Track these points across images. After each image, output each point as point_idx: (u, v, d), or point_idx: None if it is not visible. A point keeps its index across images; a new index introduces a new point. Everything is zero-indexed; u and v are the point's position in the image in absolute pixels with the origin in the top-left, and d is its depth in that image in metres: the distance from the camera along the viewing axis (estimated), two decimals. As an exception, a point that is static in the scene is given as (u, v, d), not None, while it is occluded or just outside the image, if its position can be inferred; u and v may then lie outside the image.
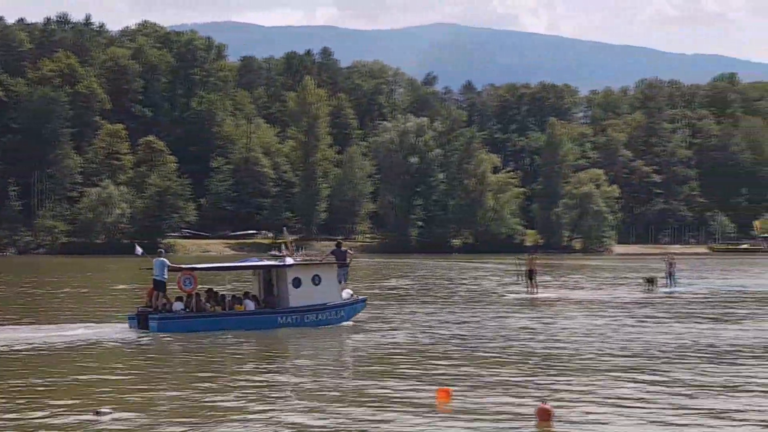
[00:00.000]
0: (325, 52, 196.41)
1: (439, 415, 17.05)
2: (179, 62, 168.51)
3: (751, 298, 48.22)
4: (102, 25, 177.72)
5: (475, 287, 56.15)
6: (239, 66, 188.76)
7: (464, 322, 33.66)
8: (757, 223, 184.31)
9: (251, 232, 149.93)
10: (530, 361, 23.89)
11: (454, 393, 18.42)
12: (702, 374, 21.63)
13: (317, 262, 35.33)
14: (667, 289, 51.97)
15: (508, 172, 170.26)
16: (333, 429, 16.06)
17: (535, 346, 26.88)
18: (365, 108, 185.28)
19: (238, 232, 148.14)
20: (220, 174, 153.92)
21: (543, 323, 33.55)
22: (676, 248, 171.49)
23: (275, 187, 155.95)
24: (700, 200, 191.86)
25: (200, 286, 32.63)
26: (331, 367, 23.45)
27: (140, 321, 31.19)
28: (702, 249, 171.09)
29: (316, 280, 32.53)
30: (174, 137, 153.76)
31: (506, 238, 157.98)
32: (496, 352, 25.78)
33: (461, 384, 20.00)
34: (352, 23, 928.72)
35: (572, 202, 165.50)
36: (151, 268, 31.94)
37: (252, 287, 34.14)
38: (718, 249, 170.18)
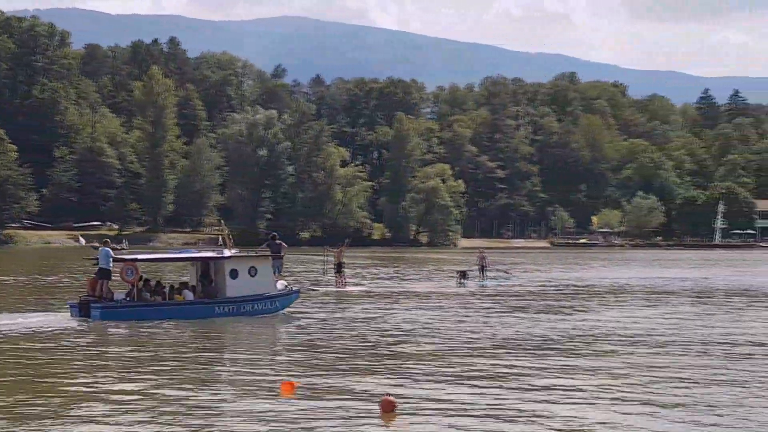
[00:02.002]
0: (173, 42, 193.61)
1: (283, 402, 17.40)
2: (20, 49, 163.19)
3: (566, 291, 49.84)
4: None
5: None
6: (83, 54, 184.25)
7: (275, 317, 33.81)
8: (594, 219, 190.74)
9: (96, 223, 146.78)
10: (366, 354, 24.54)
11: (298, 385, 18.79)
12: (533, 362, 22.66)
13: (254, 255, 35.89)
14: (479, 282, 53.51)
15: (357, 165, 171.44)
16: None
17: (354, 338, 27.56)
18: (214, 99, 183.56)
19: (82, 223, 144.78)
20: (63, 164, 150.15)
21: (337, 316, 34.21)
22: (519, 242, 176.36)
23: (121, 177, 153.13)
24: (542, 195, 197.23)
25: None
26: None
27: (82, 309, 31.69)
28: (543, 243, 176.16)
29: (253, 272, 33.50)
30: (15, 126, 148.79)
31: (354, 231, 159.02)
32: (337, 345, 26.36)
33: (305, 375, 20.44)
34: (201, 13, 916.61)
35: (419, 197, 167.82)
36: (95, 258, 32.62)
37: (190, 278, 34.79)
38: (558, 243, 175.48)
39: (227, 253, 34.03)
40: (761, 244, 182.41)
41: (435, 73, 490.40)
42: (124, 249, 35.32)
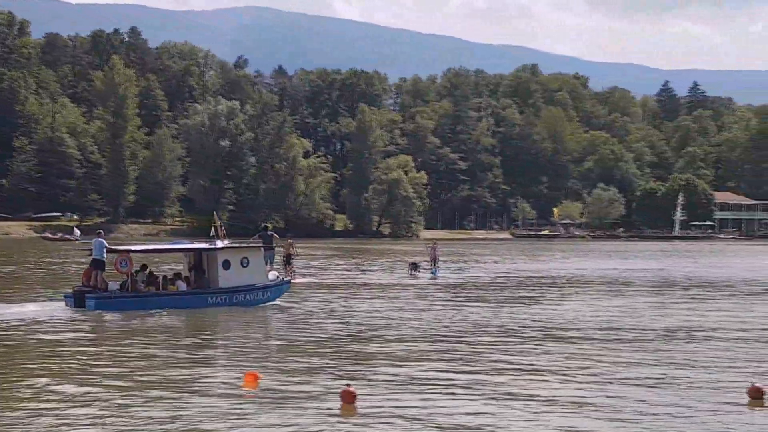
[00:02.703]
0: (134, 32, 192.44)
1: (245, 398, 17.60)
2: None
3: (513, 283, 50.12)
4: None
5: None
6: (43, 43, 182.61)
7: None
8: (556, 210, 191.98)
9: (56, 213, 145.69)
10: (326, 345, 24.80)
11: (261, 377, 18.98)
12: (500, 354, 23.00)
13: (246, 245, 36.40)
14: (430, 274, 53.68)
15: (319, 157, 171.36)
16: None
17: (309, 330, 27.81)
18: (175, 90, 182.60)
19: (42, 214, 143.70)
20: (23, 154, 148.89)
21: (296, 308, 34.39)
22: (481, 233, 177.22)
23: (81, 168, 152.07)
24: (504, 187, 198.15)
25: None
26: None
27: (77, 300, 32.10)
28: (505, 234, 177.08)
29: (245, 263, 33.98)
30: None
31: (317, 222, 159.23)
32: (295, 336, 26.58)
33: (267, 366, 20.65)
34: (162, 3, 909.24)
35: (381, 188, 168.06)
36: (91, 249, 33.25)
37: (183, 269, 35.22)
38: (520, 234, 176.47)
39: (220, 244, 34.46)
40: (720, 235, 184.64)
41: (398, 64, 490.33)
42: (76, 240, 35.77)
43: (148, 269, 34.27)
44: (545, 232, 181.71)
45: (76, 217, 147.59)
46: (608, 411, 16.70)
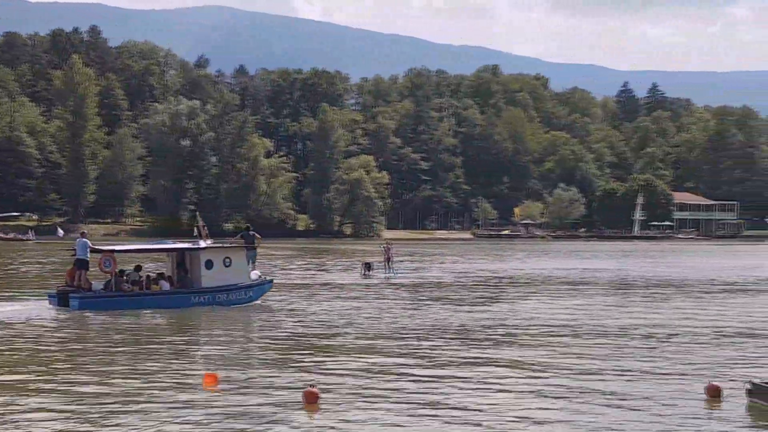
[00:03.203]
0: (94, 31, 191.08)
1: (206, 394, 17.67)
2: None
3: (468, 283, 50.40)
4: None
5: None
6: (2, 42, 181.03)
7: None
8: (517, 210, 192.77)
9: (14, 213, 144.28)
10: (286, 344, 24.92)
11: (221, 377, 19.07)
12: (453, 351, 23.22)
13: (228, 246, 36.83)
14: (384, 275, 53.53)
15: (281, 156, 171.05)
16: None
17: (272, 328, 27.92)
18: (136, 89, 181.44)
19: (1, 214, 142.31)
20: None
21: (256, 307, 34.62)
22: (442, 233, 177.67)
23: (40, 168, 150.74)
24: (465, 187, 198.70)
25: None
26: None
27: (60, 299, 32.40)
28: (466, 234, 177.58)
29: (227, 262, 34.38)
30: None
31: (278, 222, 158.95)
32: (256, 336, 26.68)
33: (227, 367, 20.73)
34: (122, 2, 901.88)
35: (343, 188, 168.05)
36: (74, 249, 33.69)
37: (166, 268, 35.53)
38: (481, 235, 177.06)
39: (203, 244, 34.83)
40: (678, 235, 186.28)
41: (359, 64, 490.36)
42: (23, 239, 36.24)
43: (142, 269, 34.67)
44: (506, 232, 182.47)
45: (35, 217, 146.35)
46: (567, 410, 16.94)
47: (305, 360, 22.34)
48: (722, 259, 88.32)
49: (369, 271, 53.36)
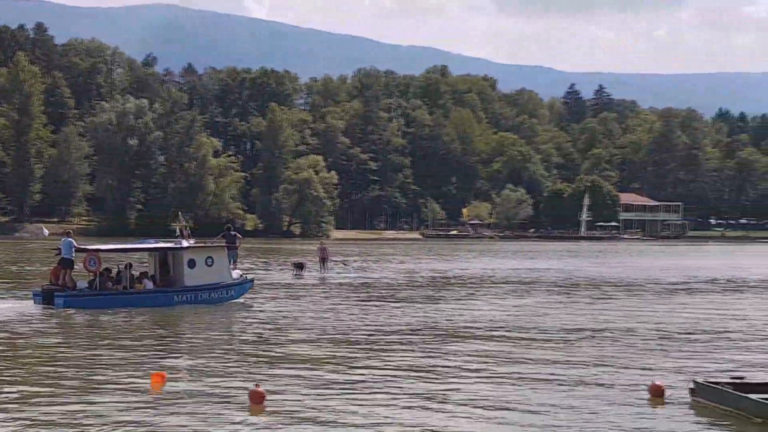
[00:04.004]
0: (39, 28, 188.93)
1: (152, 397, 17.61)
2: None
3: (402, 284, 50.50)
4: None
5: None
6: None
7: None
8: (465, 210, 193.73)
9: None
10: (231, 345, 24.91)
11: (168, 377, 19.00)
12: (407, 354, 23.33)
13: (210, 245, 37.31)
14: (319, 275, 53.35)
15: (229, 156, 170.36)
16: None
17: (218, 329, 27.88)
18: (82, 87, 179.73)
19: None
20: None
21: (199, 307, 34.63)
22: (391, 233, 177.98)
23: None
24: (414, 187, 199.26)
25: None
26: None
27: (45, 297, 32.92)
28: (415, 235, 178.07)
29: (209, 261, 35.03)
30: None
31: (226, 222, 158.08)
32: (200, 338, 26.61)
33: (173, 366, 20.67)
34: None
35: (292, 188, 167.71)
36: (59, 248, 34.09)
37: (149, 268, 35.98)
38: (429, 235, 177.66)
39: (185, 243, 35.30)
40: (624, 236, 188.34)
41: (308, 64, 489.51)
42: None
43: (133, 267, 35.17)
44: (454, 232, 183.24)
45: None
46: (509, 408, 17.09)
47: (252, 360, 22.32)
48: (666, 259, 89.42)
49: (301, 271, 53.03)
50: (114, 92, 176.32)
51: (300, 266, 53.32)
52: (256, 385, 17.40)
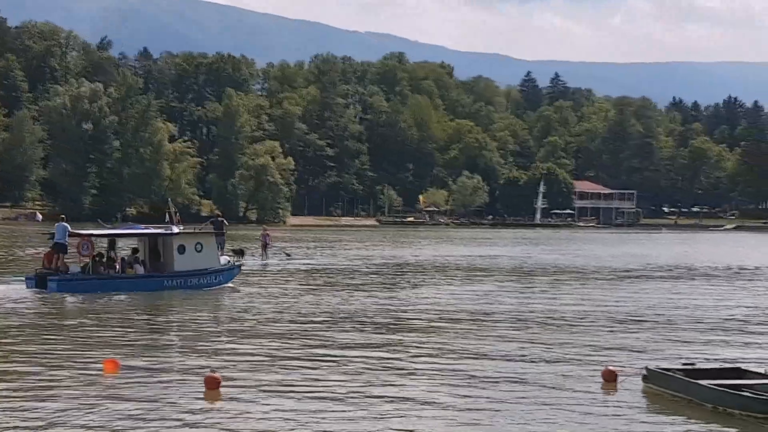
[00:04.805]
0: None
1: (107, 382, 17.57)
2: None
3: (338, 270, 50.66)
4: None
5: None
6: None
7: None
8: (421, 197, 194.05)
9: None
10: (183, 330, 24.88)
11: (120, 363, 18.97)
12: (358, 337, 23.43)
13: (199, 231, 38.37)
14: (261, 262, 53.78)
15: (185, 141, 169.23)
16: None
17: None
18: (36, 71, 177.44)
19: None
20: None
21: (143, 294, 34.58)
22: (347, 220, 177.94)
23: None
24: (371, 174, 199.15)
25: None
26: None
27: (38, 281, 33.74)
28: (371, 221, 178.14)
29: (199, 248, 36.03)
30: None
31: (182, 207, 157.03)
32: (151, 322, 26.55)
33: (129, 352, 20.62)
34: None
35: (248, 174, 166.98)
36: (52, 233, 35.13)
37: (140, 253, 36.49)
38: (386, 222, 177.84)
39: (175, 229, 36.24)
40: (579, 223, 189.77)
41: (265, 49, 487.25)
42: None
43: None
44: (410, 219, 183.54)
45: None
46: (462, 396, 17.23)
47: (208, 346, 22.32)
48: (619, 246, 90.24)
49: (241, 257, 52.70)
50: (68, 76, 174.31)
51: (240, 252, 53.21)
52: (212, 371, 17.45)
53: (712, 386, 16.40)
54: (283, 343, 23.02)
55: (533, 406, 16.31)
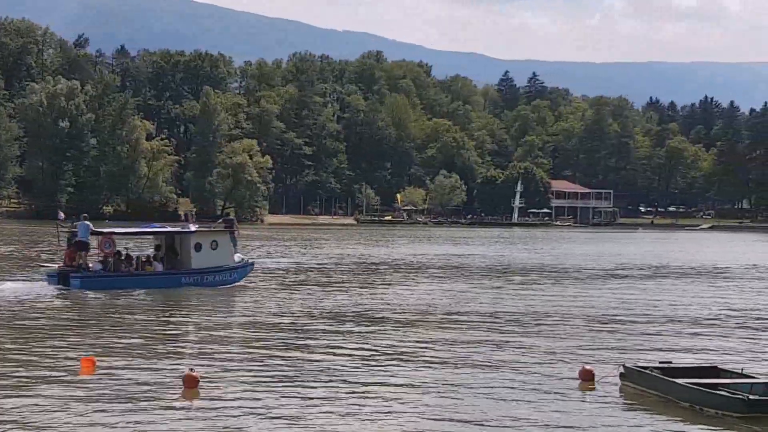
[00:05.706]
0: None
1: (87, 383, 17.51)
2: None
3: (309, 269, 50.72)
4: None
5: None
6: None
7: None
8: (399, 196, 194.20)
9: None
10: (160, 329, 24.83)
11: (97, 361, 18.92)
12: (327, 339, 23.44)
13: (215, 230, 38.93)
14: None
15: (162, 139, 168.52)
16: None
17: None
18: (12, 68, 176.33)
19: None
20: None
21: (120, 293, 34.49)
22: (325, 218, 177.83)
23: None
24: (348, 173, 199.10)
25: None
26: None
27: (61, 279, 34.49)
28: (349, 220, 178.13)
29: (214, 245, 36.81)
30: None
31: (160, 205, 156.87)
32: (129, 324, 26.48)
33: (106, 353, 20.55)
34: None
35: (226, 172, 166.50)
36: (75, 231, 35.57)
37: (159, 250, 37.04)
38: (364, 220, 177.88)
39: (192, 228, 37.36)
40: (556, 222, 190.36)
41: (243, 47, 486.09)
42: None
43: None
44: (388, 218, 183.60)
45: None
46: (438, 396, 17.26)
47: (186, 345, 22.29)
48: (596, 245, 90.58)
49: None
50: (45, 73, 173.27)
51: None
52: (190, 370, 17.43)
53: (689, 385, 16.49)
54: (256, 339, 23.03)
55: (509, 405, 16.35)
